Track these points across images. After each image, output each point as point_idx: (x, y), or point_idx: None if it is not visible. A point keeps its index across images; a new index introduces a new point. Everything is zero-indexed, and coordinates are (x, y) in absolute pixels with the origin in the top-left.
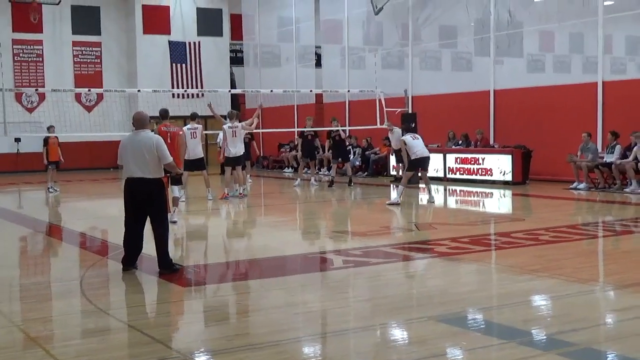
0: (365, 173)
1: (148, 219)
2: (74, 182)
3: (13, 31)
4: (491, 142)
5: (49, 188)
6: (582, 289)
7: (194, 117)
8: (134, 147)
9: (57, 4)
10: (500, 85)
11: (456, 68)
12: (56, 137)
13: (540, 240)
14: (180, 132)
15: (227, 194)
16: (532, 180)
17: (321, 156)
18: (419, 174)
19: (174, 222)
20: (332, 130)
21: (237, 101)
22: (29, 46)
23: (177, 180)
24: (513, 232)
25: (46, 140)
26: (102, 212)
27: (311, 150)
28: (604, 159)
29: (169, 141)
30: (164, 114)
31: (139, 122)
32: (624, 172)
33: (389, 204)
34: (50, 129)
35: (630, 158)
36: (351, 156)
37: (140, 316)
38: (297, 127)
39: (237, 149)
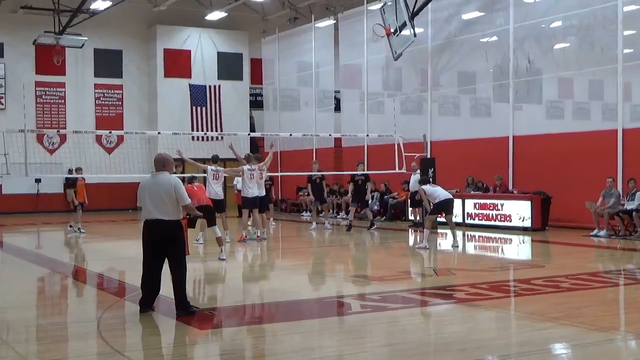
0: (384, 217)
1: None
2: (93, 222)
3: (36, 73)
4: (510, 187)
5: (79, 228)
6: (603, 338)
7: (215, 159)
8: (153, 188)
9: (80, 47)
10: (519, 131)
11: (475, 114)
12: (83, 178)
13: (560, 288)
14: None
15: (245, 237)
16: (551, 227)
17: (338, 200)
18: (444, 219)
19: (223, 260)
20: (356, 174)
21: (256, 144)
22: (51, 88)
23: (192, 222)
24: (533, 279)
25: (74, 182)
26: (120, 253)
27: (320, 194)
28: (625, 207)
29: (195, 189)
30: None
31: (159, 163)
32: None
33: (418, 248)
34: (78, 170)
35: None
36: (369, 201)
37: (157, 359)
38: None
39: (254, 191)
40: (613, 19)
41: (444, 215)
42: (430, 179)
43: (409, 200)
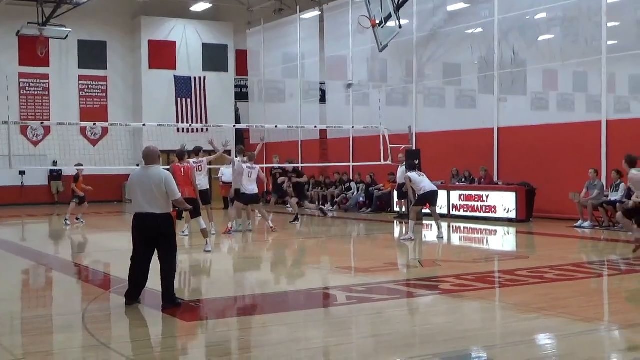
0: (369, 209)
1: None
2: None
3: (20, 65)
4: (495, 179)
5: (66, 221)
6: (587, 328)
7: (197, 151)
8: (143, 182)
9: (64, 39)
10: (504, 123)
11: (460, 105)
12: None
13: (544, 279)
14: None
15: (230, 229)
16: (536, 218)
17: (324, 192)
18: (429, 210)
19: (209, 251)
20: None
21: (241, 136)
22: (35, 80)
23: (179, 214)
24: (517, 270)
25: (77, 176)
26: (105, 245)
27: (279, 187)
28: (608, 198)
29: (182, 175)
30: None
31: (149, 157)
32: None
33: (403, 239)
34: (78, 165)
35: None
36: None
37: (143, 351)
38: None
39: (254, 187)
40: (597, 11)
41: (428, 206)
42: (417, 168)
43: (395, 192)
